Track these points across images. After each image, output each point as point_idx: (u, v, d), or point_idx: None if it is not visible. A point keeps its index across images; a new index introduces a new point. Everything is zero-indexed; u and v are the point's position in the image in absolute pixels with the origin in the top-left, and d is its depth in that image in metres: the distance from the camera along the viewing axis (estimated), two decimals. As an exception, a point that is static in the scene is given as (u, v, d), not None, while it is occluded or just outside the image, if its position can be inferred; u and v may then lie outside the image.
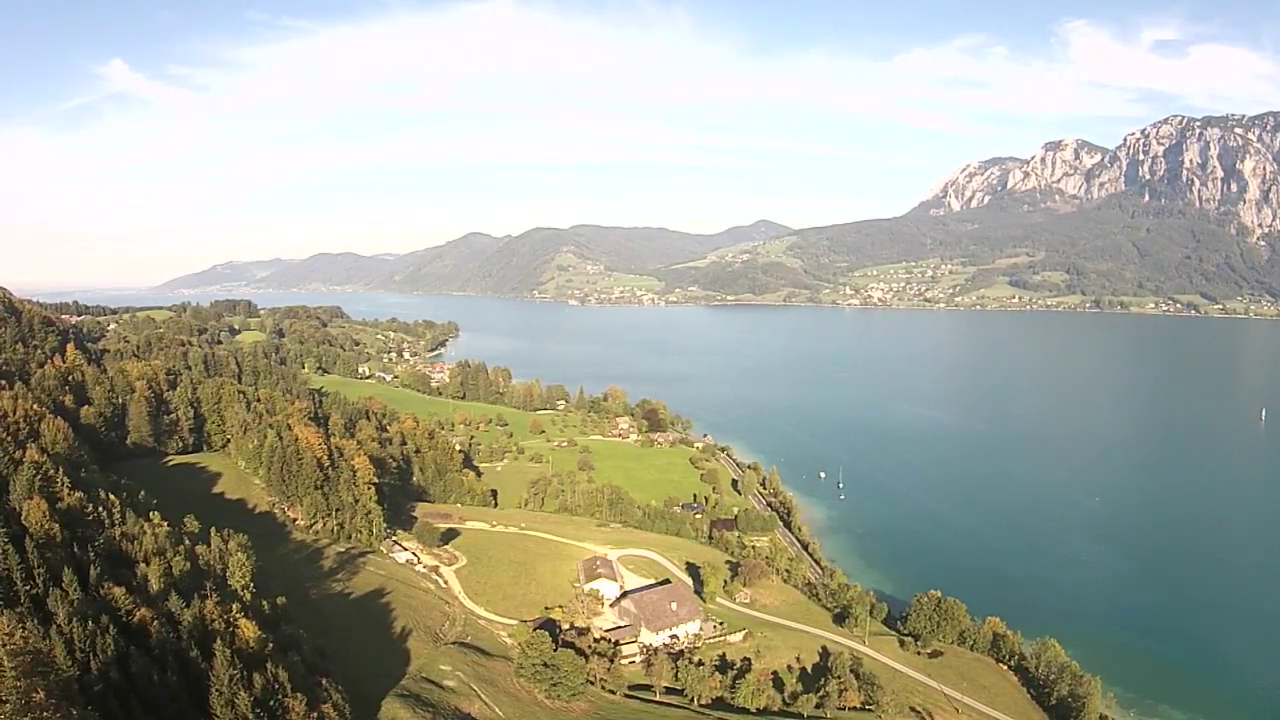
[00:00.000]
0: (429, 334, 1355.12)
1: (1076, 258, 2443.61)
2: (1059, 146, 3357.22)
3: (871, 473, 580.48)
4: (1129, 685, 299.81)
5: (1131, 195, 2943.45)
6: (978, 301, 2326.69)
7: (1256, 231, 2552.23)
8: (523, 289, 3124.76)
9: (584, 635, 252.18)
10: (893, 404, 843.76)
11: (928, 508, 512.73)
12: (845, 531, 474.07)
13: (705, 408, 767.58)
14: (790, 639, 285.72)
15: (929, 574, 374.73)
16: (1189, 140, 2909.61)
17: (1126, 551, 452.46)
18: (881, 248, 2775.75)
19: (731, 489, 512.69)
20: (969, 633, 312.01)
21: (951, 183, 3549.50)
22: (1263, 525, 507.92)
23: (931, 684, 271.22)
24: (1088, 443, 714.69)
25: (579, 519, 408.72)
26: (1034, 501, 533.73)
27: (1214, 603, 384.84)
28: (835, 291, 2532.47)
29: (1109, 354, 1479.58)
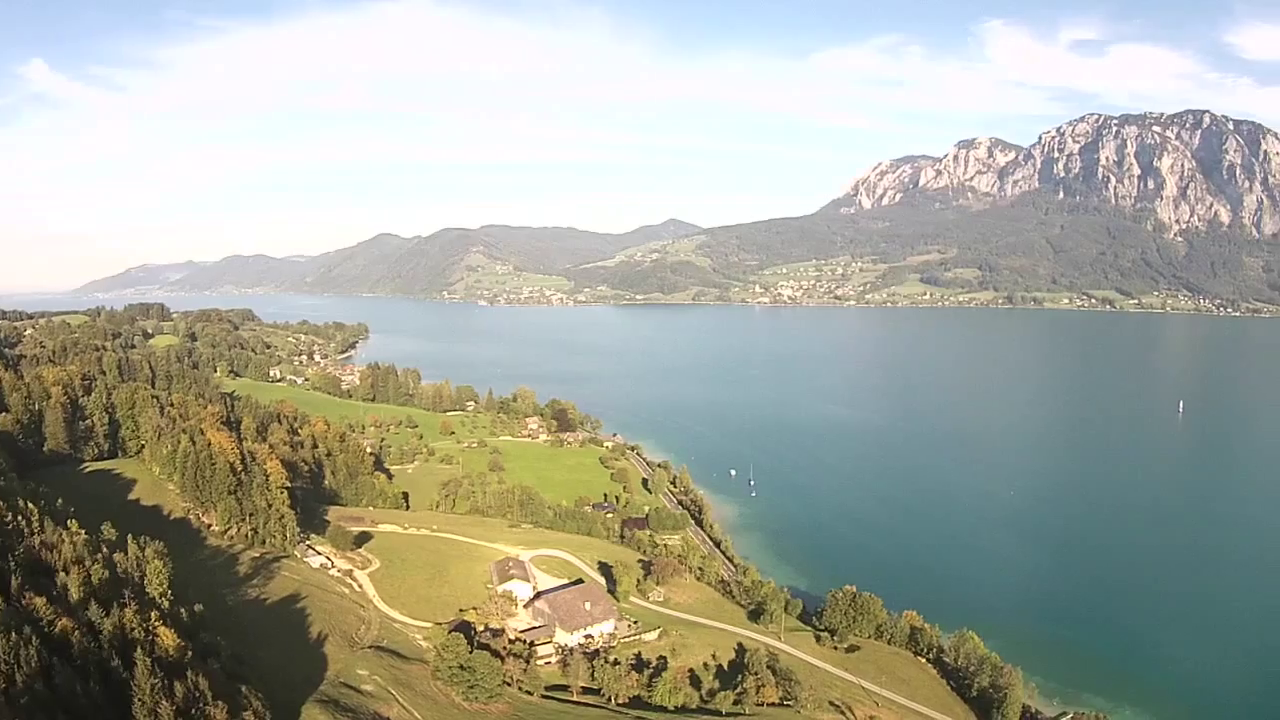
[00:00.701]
0: (339, 336, 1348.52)
1: (989, 254, 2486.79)
2: (972, 145, 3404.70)
3: (783, 470, 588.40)
4: (1050, 675, 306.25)
5: (1046, 192, 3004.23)
6: (889, 298, 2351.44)
7: (1174, 228, 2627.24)
8: (432, 289, 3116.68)
9: (499, 637, 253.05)
10: (804, 401, 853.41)
11: (841, 504, 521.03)
12: (758, 528, 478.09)
13: (615, 407, 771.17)
14: (705, 636, 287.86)
15: (844, 569, 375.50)
16: (1105, 138, 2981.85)
17: (1044, 543, 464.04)
18: (792, 246, 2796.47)
19: (642, 488, 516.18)
20: (886, 627, 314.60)
21: (863, 181, 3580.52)
22: (1179, 514, 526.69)
23: (850, 678, 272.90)
24: (1004, 437, 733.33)
25: (490, 520, 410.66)
26: (948, 496, 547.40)
27: (1132, 591, 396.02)
28: (745, 290, 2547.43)
29: (1024, 349, 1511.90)
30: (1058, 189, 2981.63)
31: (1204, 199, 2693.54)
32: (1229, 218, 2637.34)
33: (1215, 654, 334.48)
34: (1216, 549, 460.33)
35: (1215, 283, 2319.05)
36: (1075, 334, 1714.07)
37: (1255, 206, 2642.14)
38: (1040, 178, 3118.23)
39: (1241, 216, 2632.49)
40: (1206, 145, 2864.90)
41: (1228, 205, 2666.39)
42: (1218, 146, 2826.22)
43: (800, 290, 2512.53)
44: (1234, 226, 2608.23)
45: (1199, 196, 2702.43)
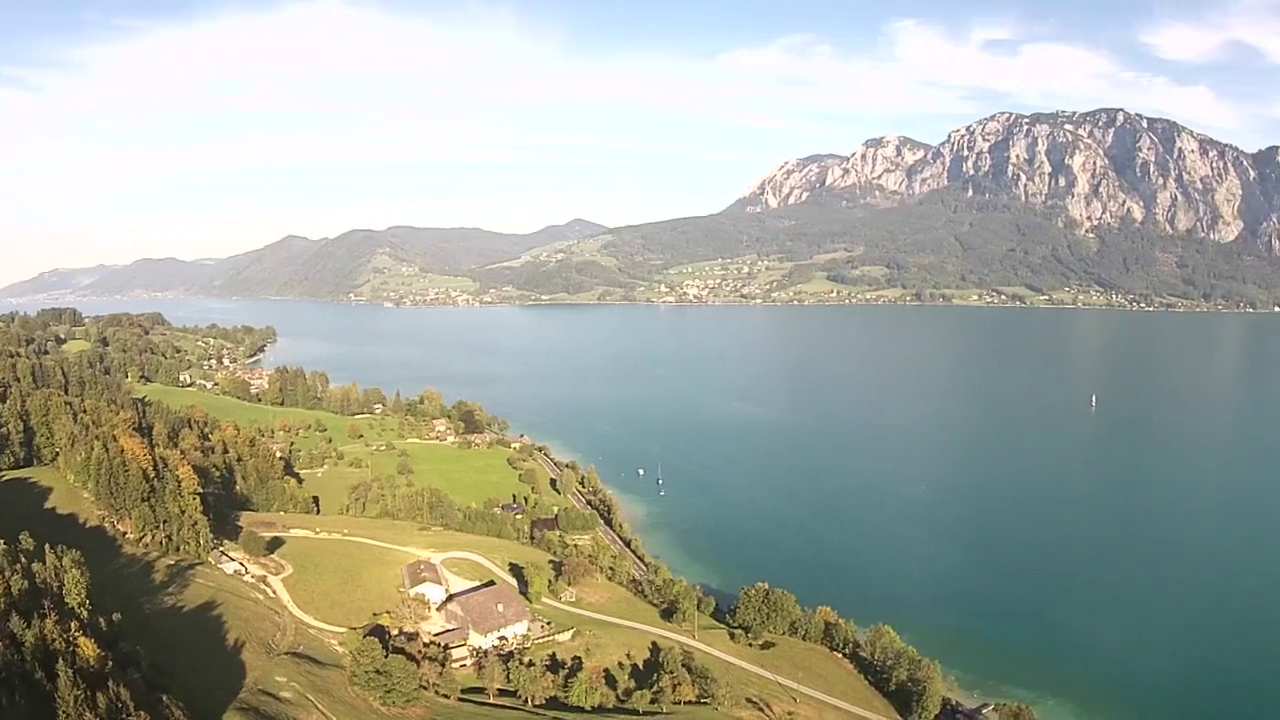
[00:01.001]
0: (248, 340, 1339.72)
1: (897, 252, 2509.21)
2: (880, 143, 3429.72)
3: (692, 469, 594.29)
4: (970, 667, 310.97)
5: (955, 190, 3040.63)
6: (795, 297, 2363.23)
7: (1086, 224, 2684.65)
8: (339, 292, 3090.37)
9: (413, 640, 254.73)
10: (711, 400, 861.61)
11: (751, 501, 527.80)
12: (668, 527, 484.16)
13: (522, 408, 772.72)
14: (619, 636, 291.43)
15: (756, 566, 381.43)
16: (1016, 136, 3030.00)
17: (958, 538, 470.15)
18: (697, 245, 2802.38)
19: (550, 488, 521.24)
20: (800, 623, 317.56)
21: (769, 180, 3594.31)
22: (1094, 504, 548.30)
23: (766, 675, 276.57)
24: (915, 434, 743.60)
25: (401, 523, 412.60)
26: (859, 492, 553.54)
27: (1050, 582, 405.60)
28: (650, 289, 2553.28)
29: (935, 346, 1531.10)
30: (967, 187, 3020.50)
31: (1116, 196, 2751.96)
32: (1142, 214, 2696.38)
33: (1135, 640, 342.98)
34: (1131, 537, 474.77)
35: (1128, 278, 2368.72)
36: (986, 330, 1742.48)
37: (1169, 203, 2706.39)
38: (949, 176, 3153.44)
39: (1155, 213, 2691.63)
40: (1120, 143, 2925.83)
41: (1141, 202, 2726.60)
42: (1131, 144, 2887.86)
43: (706, 289, 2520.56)
44: (1147, 223, 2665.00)
45: (1111, 194, 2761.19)
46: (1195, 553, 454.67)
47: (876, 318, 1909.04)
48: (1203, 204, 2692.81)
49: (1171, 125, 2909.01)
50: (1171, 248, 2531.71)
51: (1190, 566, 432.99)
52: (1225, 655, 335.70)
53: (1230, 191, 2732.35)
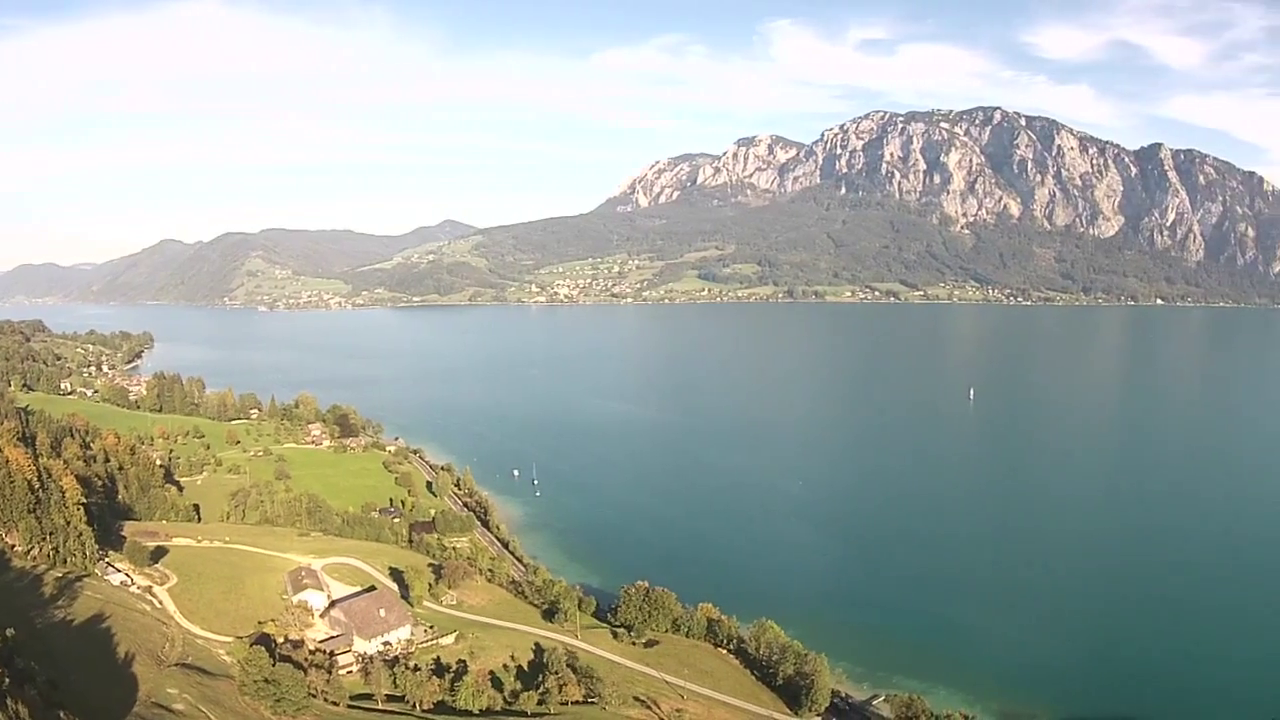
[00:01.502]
0: (126, 346, 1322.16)
1: (769, 250, 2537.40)
2: (752, 142, 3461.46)
3: (567, 469, 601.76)
4: (858, 660, 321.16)
5: (827, 188, 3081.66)
6: (666, 295, 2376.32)
7: (961, 221, 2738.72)
8: (214, 296, 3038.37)
9: (299, 648, 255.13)
10: (585, 400, 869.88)
11: (628, 500, 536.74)
12: (545, 528, 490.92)
13: (396, 410, 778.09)
14: (502, 638, 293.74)
15: (636, 565, 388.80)
16: (891, 135, 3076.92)
17: (840, 532, 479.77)
18: (568, 245, 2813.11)
19: (427, 491, 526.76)
20: (682, 620, 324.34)
21: (640, 179, 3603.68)
22: (974, 495, 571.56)
23: (652, 673, 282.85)
24: (791, 430, 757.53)
25: (280, 530, 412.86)
26: (737, 489, 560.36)
27: (935, 573, 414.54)
28: (521, 290, 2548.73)
29: (810, 342, 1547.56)
30: (840, 185, 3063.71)
31: (993, 193, 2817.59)
32: (1020, 210, 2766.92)
33: (1020, 625, 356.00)
34: (1011, 527, 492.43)
35: (1005, 273, 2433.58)
36: (861, 326, 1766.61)
37: (1048, 199, 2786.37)
38: (822, 174, 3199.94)
39: (1033, 209, 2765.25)
40: (997, 141, 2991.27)
41: (1019, 199, 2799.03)
42: (1009, 142, 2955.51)
43: (577, 289, 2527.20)
44: (1025, 219, 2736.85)
45: (988, 190, 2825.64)
46: (1073, 540, 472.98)
47: (749, 315, 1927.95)
48: (1082, 200, 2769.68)
49: (1051, 123, 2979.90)
50: (1050, 243, 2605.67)
51: (1069, 553, 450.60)
52: (1106, 636, 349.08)
53: (1111, 188, 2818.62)
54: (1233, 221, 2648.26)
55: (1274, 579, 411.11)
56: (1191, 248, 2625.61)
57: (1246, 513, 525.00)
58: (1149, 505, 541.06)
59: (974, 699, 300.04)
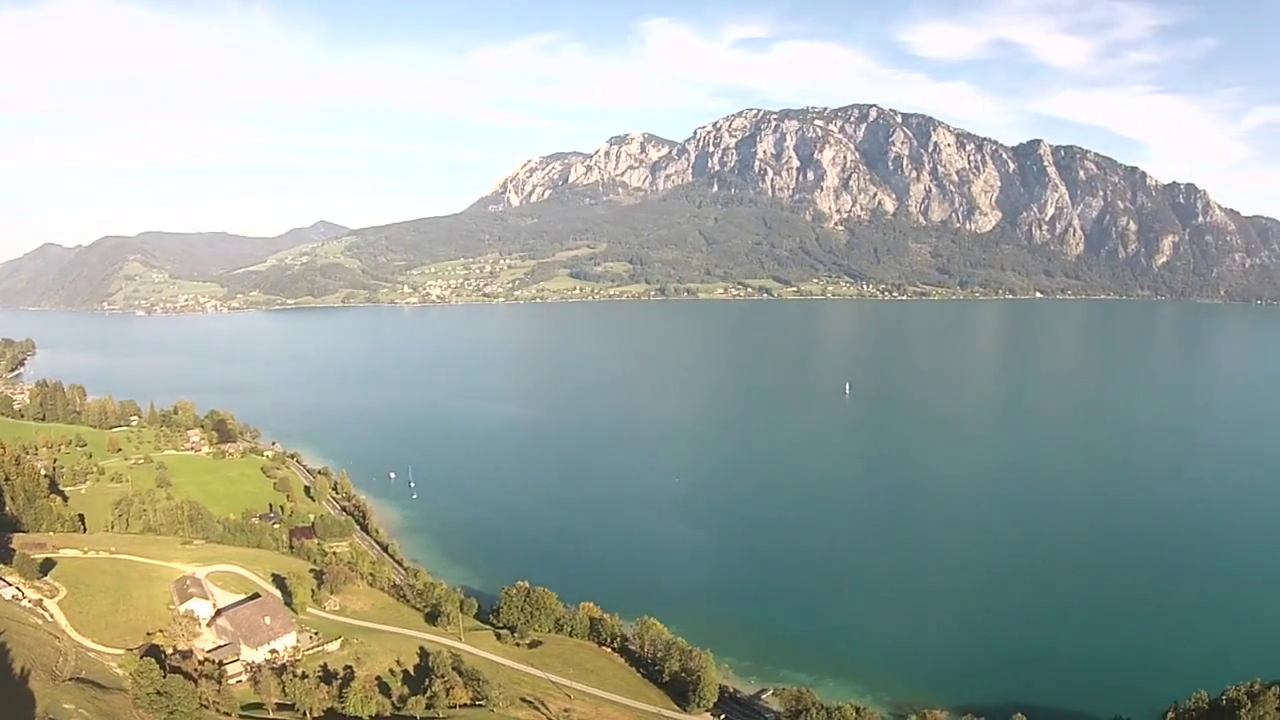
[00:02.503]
0: (9, 353, 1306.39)
1: (640, 248, 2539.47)
2: (625, 140, 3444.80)
3: (443, 470, 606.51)
4: (744, 655, 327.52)
5: (700, 186, 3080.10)
6: (538, 294, 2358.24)
7: (835, 217, 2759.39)
8: (94, 300, 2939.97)
9: (189, 658, 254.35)
10: (459, 400, 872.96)
11: (506, 500, 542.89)
12: (424, 530, 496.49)
13: (272, 414, 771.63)
14: (387, 643, 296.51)
15: (516, 566, 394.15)
16: (764, 132, 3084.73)
17: (720, 528, 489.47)
18: (439, 245, 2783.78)
19: (305, 496, 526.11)
20: (565, 620, 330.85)
21: (512, 179, 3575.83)
22: (851, 489, 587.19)
23: (538, 673, 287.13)
24: (666, 426, 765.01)
25: (164, 538, 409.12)
26: (615, 487, 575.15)
27: (812, 566, 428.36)
28: (394, 291, 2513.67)
29: (683, 340, 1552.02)
30: (712, 182, 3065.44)
31: (867, 189, 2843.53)
32: (895, 206, 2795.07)
33: (908, 616, 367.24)
34: (893, 518, 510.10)
35: (879, 269, 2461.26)
36: (734, 323, 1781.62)
37: (923, 195, 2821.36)
38: (694, 172, 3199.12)
39: (908, 205, 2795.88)
40: (872, 138, 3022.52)
41: (893, 194, 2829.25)
42: (884, 139, 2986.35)
43: (449, 289, 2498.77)
44: (899, 214, 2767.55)
45: (862, 187, 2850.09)
46: (953, 529, 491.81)
47: (621, 314, 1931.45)
48: (959, 196, 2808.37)
49: (928, 120, 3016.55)
50: (926, 238, 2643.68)
51: (950, 542, 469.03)
52: (991, 623, 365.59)
53: (988, 183, 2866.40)
54: (1114, 216, 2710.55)
55: (1149, 566, 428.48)
56: (1071, 242, 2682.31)
57: (1124, 499, 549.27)
58: (1027, 493, 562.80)
59: (864, 690, 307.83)
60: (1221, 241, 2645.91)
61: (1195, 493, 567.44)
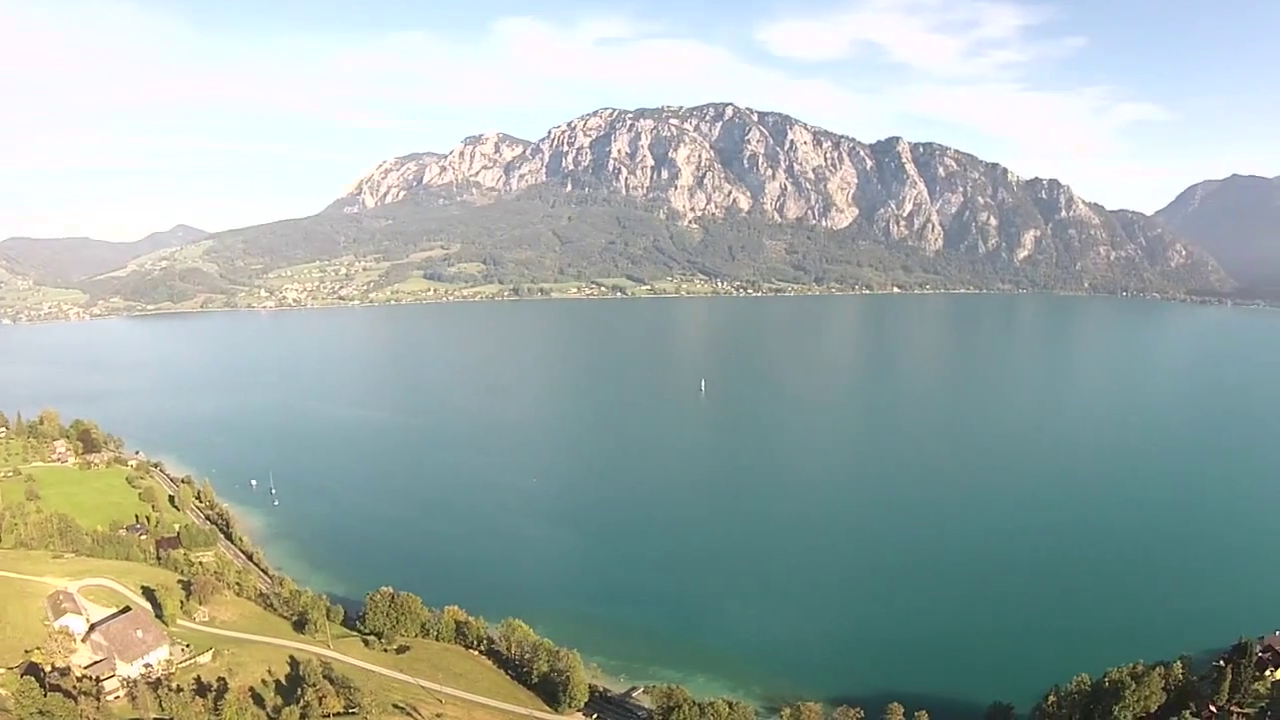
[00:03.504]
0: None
1: (494, 248, 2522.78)
2: (480, 140, 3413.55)
3: (303, 476, 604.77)
4: (612, 653, 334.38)
5: (553, 185, 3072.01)
6: (392, 296, 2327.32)
7: (689, 215, 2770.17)
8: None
9: (67, 675, 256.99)
10: (317, 405, 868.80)
11: (367, 505, 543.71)
12: (287, 537, 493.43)
13: (134, 423, 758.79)
14: (258, 653, 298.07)
15: (380, 571, 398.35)
16: (619, 131, 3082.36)
17: (578, 527, 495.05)
18: (296, 248, 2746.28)
19: (170, 505, 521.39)
20: (430, 624, 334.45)
21: (367, 179, 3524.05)
22: (709, 484, 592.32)
23: (408, 679, 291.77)
24: (523, 427, 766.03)
25: (36, 553, 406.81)
26: (474, 488, 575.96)
27: (675, 562, 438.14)
28: (251, 295, 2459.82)
29: (538, 340, 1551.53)
30: (566, 182, 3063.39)
31: (722, 187, 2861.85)
32: (749, 204, 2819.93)
33: (774, 609, 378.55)
34: (753, 511, 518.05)
35: (734, 266, 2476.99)
36: (589, 322, 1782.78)
37: (779, 193, 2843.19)
38: (548, 171, 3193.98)
39: (763, 202, 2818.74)
40: (728, 136, 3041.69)
41: (748, 192, 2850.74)
42: (740, 137, 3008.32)
43: (305, 292, 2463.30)
44: (754, 212, 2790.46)
45: (717, 185, 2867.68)
46: (815, 521, 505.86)
47: (475, 314, 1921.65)
48: (815, 193, 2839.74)
49: (784, 118, 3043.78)
50: (781, 235, 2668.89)
51: (812, 534, 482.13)
52: (857, 613, 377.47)
53: (845, 180, 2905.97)
54: (974, 211, 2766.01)
55: (1024, 554, 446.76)
56: (930, 237, 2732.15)
57: (994, 488, 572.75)
58: (894, 485, 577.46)
59: (736, 685, 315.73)
60: (1085, 235, 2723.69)
61: (1067, 480, 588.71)
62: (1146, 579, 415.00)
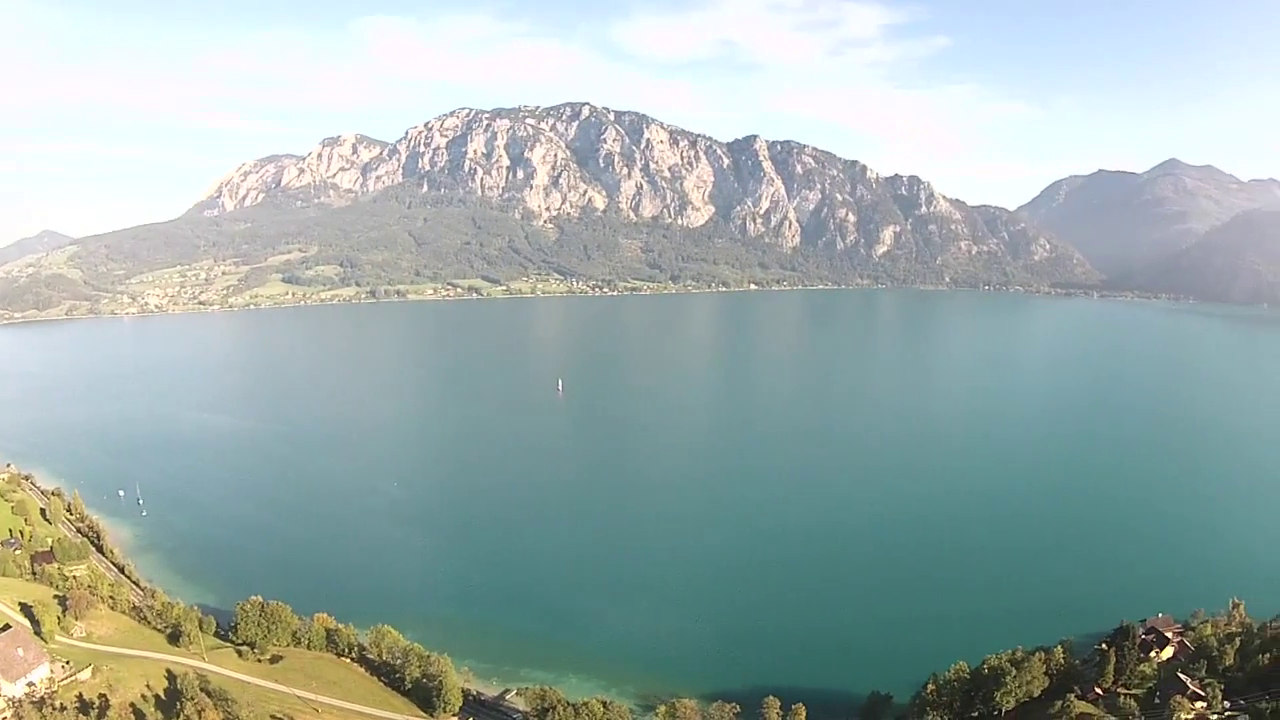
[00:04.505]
0: None
1: (351, 250, 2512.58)
2: (337, 142, 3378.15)
3: (170, 485, 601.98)
4: (484, 657, 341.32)
5: (410, 186, 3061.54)
6: (251, 300, 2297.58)
7: (544, 215, 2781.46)
8: None
9: None
10: (182, 413, 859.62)
11: (234, 513, 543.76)
12: (156, 549, 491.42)
13: (4, 435, 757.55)
14: (136, 668, 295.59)
15: (250, 580, 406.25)
16: (476, 131, 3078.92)
17: (441, 531, 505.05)
18: (158, 252, 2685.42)
19: (42, 519, 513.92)
20: (301, 632, 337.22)
21: (227, 182, 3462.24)
22: (571, 483, 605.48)
23: (283, 689, 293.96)
24: (382, 431, 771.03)
25: None
26: (337, 494, 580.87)
27: (540, 564, 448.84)
28: (114, 301, 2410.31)
29: (395, 342, 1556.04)
30: (422, 183, 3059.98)
31: (578, 186, 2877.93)
32: (605, 203, 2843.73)
33: (647, 609, 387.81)
34: (616, 509, 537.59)
35: (589, 265, 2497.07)
36: (445, 324, 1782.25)
37: (634, 192, 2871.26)
38: (405, 172, 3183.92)
39: (619, 201, 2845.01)
40: (584, 135, 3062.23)
41: (604, 191, 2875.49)
42: (596, 136, 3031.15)
43: (166, 298, 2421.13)
44: (610, 211, 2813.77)
45: (572, 184, 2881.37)
46: (677, 517, 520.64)
47: (333, 318, 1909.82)
48: (670, 191, 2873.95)
49: (641, 117, 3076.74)
50: (636, 234, 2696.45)
51: (674, 531, 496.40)
52: (725, 608, 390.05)
53: (701, 179, 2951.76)
54: (832, 208, 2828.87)
55: (897, 545, 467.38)
56: (787, 234, 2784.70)
57: (863, 480, 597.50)
58: (754, 477, 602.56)
59: (609, 684, 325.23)
60: (946, 231, 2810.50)
61: (940, 471, 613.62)
62: (1024, 567, 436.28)
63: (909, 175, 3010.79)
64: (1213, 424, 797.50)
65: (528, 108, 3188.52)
